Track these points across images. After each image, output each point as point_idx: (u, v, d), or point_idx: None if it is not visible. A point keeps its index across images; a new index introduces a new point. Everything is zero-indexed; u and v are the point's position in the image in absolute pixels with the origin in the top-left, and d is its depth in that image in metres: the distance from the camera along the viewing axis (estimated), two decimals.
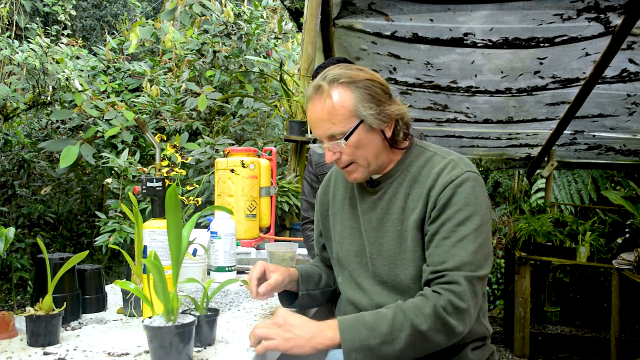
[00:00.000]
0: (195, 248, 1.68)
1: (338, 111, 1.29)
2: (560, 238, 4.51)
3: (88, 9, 9.71)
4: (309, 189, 2.38)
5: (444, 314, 1.17)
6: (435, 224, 1.27)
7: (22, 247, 4.20)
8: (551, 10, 3.38)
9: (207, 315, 1.17)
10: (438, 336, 1.18)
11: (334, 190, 1.54)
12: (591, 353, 4.61)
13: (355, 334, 1.15)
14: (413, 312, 1.18)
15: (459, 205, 1.26)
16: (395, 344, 1.15)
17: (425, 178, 1.33)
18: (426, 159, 1.37)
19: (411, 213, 1.32)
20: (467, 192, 1.28)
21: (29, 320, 1.14)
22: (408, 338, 1.15)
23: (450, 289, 1.19)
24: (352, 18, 3.71)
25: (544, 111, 4.96)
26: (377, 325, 1.16)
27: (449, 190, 1.28)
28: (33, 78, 4.19)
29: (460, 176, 1.29)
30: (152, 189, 1.38)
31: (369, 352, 1.14)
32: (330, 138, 1.31)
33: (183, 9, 4.62)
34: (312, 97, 1.33)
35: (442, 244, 1.24)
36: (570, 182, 7.26)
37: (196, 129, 3.82)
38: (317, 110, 1.31)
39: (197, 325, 1.10)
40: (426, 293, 1.22)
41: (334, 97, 1.29)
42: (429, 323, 1.16)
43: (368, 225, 1.39)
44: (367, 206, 1.40)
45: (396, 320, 1.16)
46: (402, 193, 1.35)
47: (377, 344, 1.14)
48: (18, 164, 4.76)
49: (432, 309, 1.17)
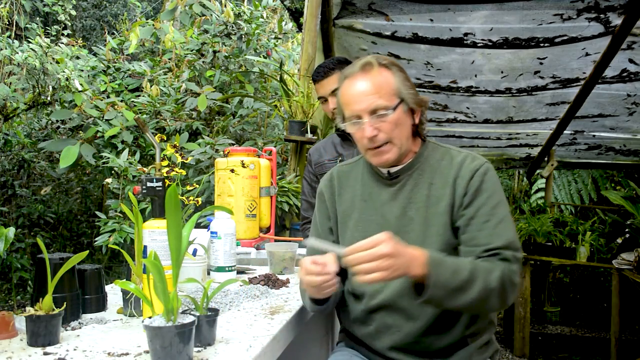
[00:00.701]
0: (195, 248, 1.68)
1: (384, 87, 1.37)
2: (560, 238, 4.51)
3: (88, 9, 9.71)
4: (308, 189, 2.39)
5: (507, 281, 1.28)
6: (470, 208, 1.36)
7: (22, 247, 4.20)
8: (551, 10, 3.38)
9: (207, 315, 1.17)
10: (496, 300, 1.28)
11: (339, 190, 1.55)
12: (591, 353, 4.61)
13: (441, 273, 1.23)
14: (486, 270, 1.27)
15: (489, 191, 1.37)
16: (468, 294, 1.24)
17: (447, 169, 1.42)
18: (442, 152, 1.47)
19: (438, 201, 1.40)
20: (494, 180, 1.40)
21: (29, 320, 1.14)
22: (479, 291, 1.25)
23: (507, 264, 1.30)
24: (352, 18, 3.71)
25: (544, 111, 4.96)
26: (459, 271, 1.25)
27: (477, 177, 1.38)
28: (33, 78, 4.19)
29: (484, 165, 1.41)
30: (152, 189, 1.38)
31: (444, 292, 1.23)
32: (372, 112, 1.37)
33: (183, 9, 4.62)
34: (356, 74, 1.40)
35: (484, 227, 1.34)
36: (570, 182, 7.26)
37: (196, 129, 3.81)
38: (362, 85, 1.38)
39: (197, 325, 1.10)
40: (490, 259, 1.31)
41: (380, 75, 1.38)
42: (496, 283, 1.26)
43: (391, 215, 1.44)
44: (387, 197, 1.46)
45: (474, 271, 1.25)
46: (424, 183, 1.43)
47: (454, 288, 1.23)
48: (18, 164, 4.76)
49: (499, 273, 1.27)
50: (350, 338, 1.56)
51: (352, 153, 2.26)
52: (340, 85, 1.45)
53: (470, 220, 1.36)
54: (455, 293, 1.24)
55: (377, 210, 1.46)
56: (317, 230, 1.59)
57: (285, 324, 1.35)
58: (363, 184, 1.52)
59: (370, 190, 1.49)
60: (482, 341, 1.44)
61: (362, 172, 1.55)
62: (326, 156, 2.34)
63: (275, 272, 1.91)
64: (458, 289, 1.24)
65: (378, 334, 1.44)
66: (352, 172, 1.57)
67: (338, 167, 1.62)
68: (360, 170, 1.55)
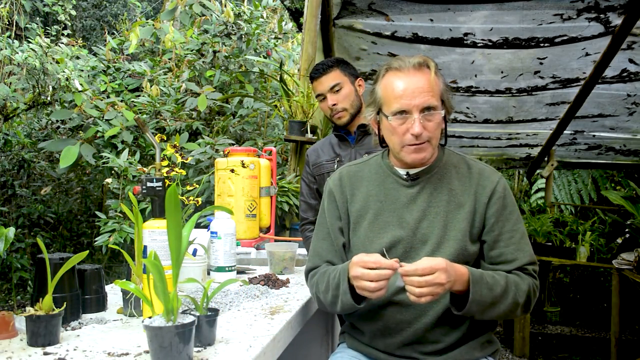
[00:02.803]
0: (195, 248, 1.68)
1: (435, 88, 1.41)
2: (560, 238, 4.51)
3: (88, 9, 9.70)
4: (307, 190, 2.38)
5: (532, 294, 1.41)
6: (498, 225, 1.44)
7: (22, 247, 4.20)
8: (551, 10, 3.38)
9: (207, 315, 1.17)
10: (520, 310, 1.40)
11: (351, 190, 1.53)
12: (591, 353, 4.61)
13: (480, 289, 1.32)
14: (517, 285, 1.38)
15: (511, 206, 1.46)
16: (499, 307, 1.35)
17: (466, 177, 1.48)
18: (458, 159, 1.52)
19: (459, 207, 1.44)
20: (511, 196, 1.48)
21: (29, 320, 1.14)
22: (509, 305, 1.36)
23: (532, 279, 1.42)
24: (352, 18, 3.71)
25: (544, 111, 4.96)
26: (494, 287, 1.34)
27: (500, 191, 1.46)
28: (33, 78, 4.19)
29: (501, 178, 1.49)
30: (152, 189, 1.38)
31: (481, 307, 1.33)
32: (424, 110, 1.40)
33: (183, 9, 4.62)
34: (411, 70, 1.41)
35: (510, 243, 1.43)
36: (570, 182, 7.26)
37: (196, 129, 3.81)
38: (420, 82, 1.40)
39: (197, 325, 1.10)
40: (520, 274, 1.41)
41: (434, 75, 1.42)
42: (523, 298, 1.38)
43: (410, 217, 1.45)
44: (406, 199, 1.47)
45: (506, 288, 1.36)
46: (444, 187, 1.47)
47: (488, 303, 1.34)
48: (18, 164, 4.76)
49: (527, 287, 1.39)
50: (354, 337, 1.55)
51: (350, 153, 2.25)
52: (383, 77, 1.44)
53: (498, 236, 1.43)
54: (489, 307, 1.34)
55: (395, 212, 1.46)
56: (326, 230, 1.55)
57: (285, 324, 1.35)
58: (378, 184, 1.51)
59: (387, 191, 1.49)
60: (484, 338, 1.47)
61: (375, 172, 1.53)
62: (324, 157, 2.33)
63: (275, 272, 1.91)
64: (492, 304, 1.34)
65: (387, 330, 1.44)
66: (363, 172, 1.55)
67: (346, 167, 1.61)
68: (373, 170, 1.54)
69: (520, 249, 1.43)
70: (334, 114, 2.24)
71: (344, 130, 2.28)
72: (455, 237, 1.41)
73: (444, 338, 1.42)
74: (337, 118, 2.24)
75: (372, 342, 1.48)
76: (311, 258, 1.57)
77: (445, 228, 1.42)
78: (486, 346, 1.47)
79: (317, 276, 1.49)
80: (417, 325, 1.41)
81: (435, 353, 1.42)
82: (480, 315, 1.36)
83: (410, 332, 1.42)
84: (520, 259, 1.42)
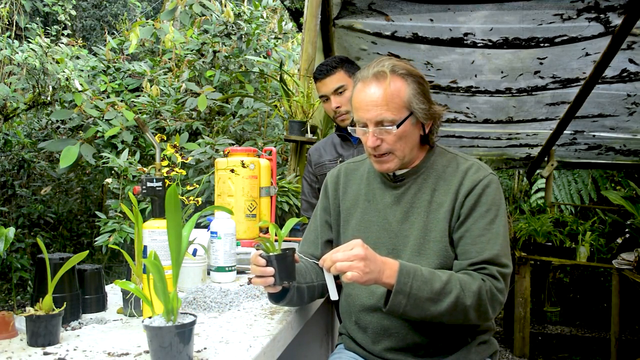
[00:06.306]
0: (195, 248, 1.68)
1: (394, 100, 1.35)
2: (560, 238, 4.51)
3: (88, 9, 9.71)
4: (308, 189, 2.38)
5: (485, 297, 1.28)
6: (468, 221, 1.36)
7: (22, 247, 4.20)
8: (551, 10, 3.38)
9: (281, 254, 1.25)
10: (473, 314, 1.29)
11: (344, 187, 1.55)
12: (591, 353, 4.61)
13: (410, 281, 1.23)
14: (462, 284, 1.27)
15: (488, 204, 1.37)
16: (438, 305, 1.25)
17: (451, 176, 1.42)
18: (449, 158, 1.47)
19: (439, 207, 1.40)
20: (494, 193, 1.39)
21: (29, 320, 1.14)
22: (450, 304, 1.25)
23: (491, 280, 1.30)
24: (352, 18, 3.70)
25: (544, 111, 4.96)
26: (431, 282, 1.25)
27: (478, 189, 1.38)
28: (33, 78, 4.19)
29: (487, 177, 1.40)
30: (152, 189, 1.38)
31: (413, 301, 1.24)
32: (378, 123, 1.36)
33: (183, 9, 4.62)
34: (368, 81, 1.37)
35: (478, 241, 1.34)
36: (570, 182, 7.26)
37: (196, 129, 3.81)
38: (373, 95, 1.35)
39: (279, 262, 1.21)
40: (472, 273, 1.31)
41: (392, 86, 1.34)
42: (472, 299, 1.27)
43: (393, 218, 1.44)
44: (391, 200, 1.45)
45: (448, 284, 1.26)
46: (428, 188, 1.43)
47: (424, 298, 1.24)
48: (18, 164, 4.75)
49: (477, 289, 1.27)
50: (350, 339, 1.56)
51: (352, 153, 2.26)
52: (354, 87, 1.43)
53: (465, 233, 1.36)
54: (424, 303, 1.25)
55: (379, 213, 1.47)
56: (315, 221, 1.60)
57: (285, 324, 1.35)
58: (368, 183, 1.52)
59: (374, 191, 1.50)
60: (480, 340, 1.45)
61: (368, 172, 1.55)
62: (326, 157, 2.34)
63: None
64: (428, 300, 1.24)
65: (376, 337, 1.44)
66: (359, 170, 1.58)
67: (346, 163, 1.63)
68: (367, 169, 1.56)
69: (487, 247, 1.32)
70: (337, 116, 2.24)
71: (347, 131, 2.28)
72: (435, 238, 1.38)
73: (436, 342, 1.40)
74: (341, 120, 2.25)
75: (366, 346, 1.49)
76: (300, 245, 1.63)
77: (426, 229, 1.40)
78: (483, 349, 1.46)
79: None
80: (403, 331, 1.40)
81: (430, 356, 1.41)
82: (417, 313, 1.26)
83: (399, 338, 1.41)
84: (480, 257, 1.31)
